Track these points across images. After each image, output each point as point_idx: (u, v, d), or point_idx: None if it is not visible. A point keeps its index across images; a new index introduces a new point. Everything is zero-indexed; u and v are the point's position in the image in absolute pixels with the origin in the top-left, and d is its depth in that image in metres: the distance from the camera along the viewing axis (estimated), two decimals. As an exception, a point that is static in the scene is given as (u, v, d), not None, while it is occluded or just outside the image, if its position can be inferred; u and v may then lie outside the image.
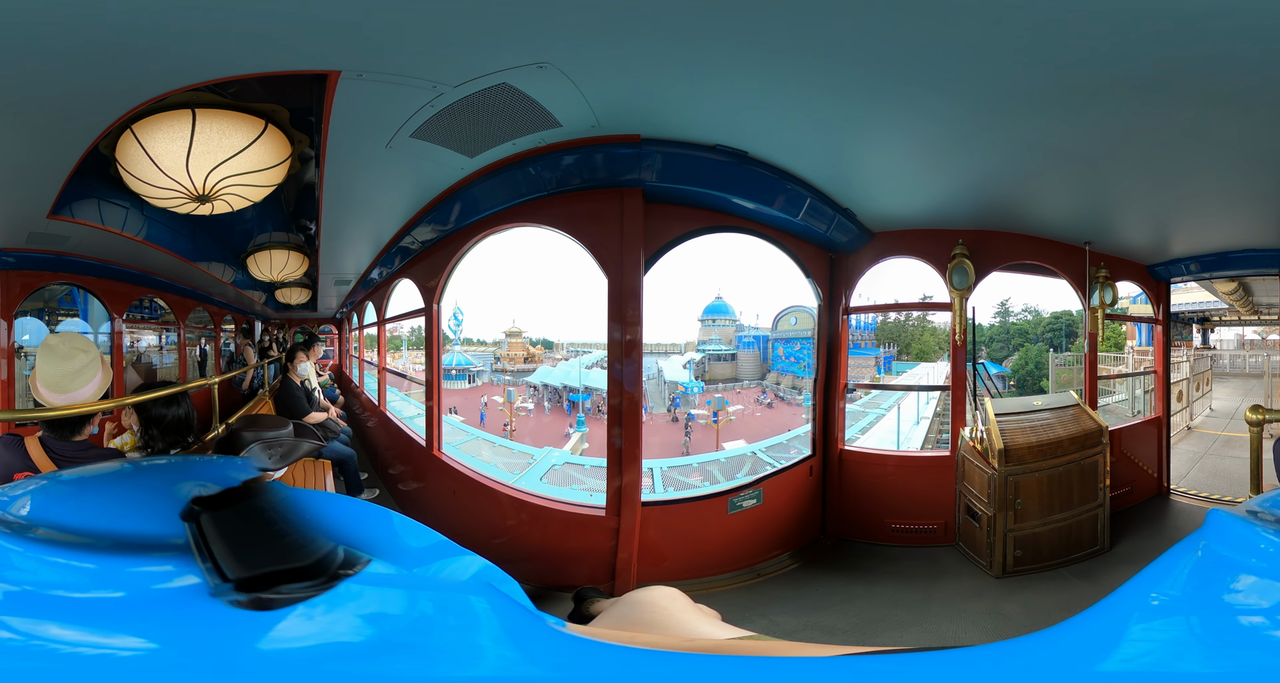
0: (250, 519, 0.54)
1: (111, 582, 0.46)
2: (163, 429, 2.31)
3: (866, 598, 3.30)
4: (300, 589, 0.45)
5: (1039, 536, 3.52)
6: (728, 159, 3.03)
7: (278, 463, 2.31)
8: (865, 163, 3.18)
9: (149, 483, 0.72)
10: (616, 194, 3.17)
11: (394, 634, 0.43)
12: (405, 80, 2.33)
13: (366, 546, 0.53)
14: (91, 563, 0.48)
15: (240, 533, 0.51)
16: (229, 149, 2.60)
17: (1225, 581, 0.36)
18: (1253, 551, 0.36)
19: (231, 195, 2.80)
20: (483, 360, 6.98)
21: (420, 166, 3.17)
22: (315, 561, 0.48)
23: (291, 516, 0.57)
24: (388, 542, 0.59)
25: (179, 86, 2.29)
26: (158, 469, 0.94)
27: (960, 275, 3.95)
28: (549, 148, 2.95)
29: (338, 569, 0.48)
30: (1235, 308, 7.40)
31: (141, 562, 0.49)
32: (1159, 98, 2.40)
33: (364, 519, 0.61)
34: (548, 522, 3.55)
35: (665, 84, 2.46)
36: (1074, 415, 3.93)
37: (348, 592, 0.45)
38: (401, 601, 0.46)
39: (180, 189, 2.69)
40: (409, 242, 4.41)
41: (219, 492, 0.56)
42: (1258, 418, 2.02)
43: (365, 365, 7.49)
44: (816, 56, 2.19)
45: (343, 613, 0.44)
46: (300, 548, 0.50)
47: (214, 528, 0.51)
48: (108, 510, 0.59)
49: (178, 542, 0.50)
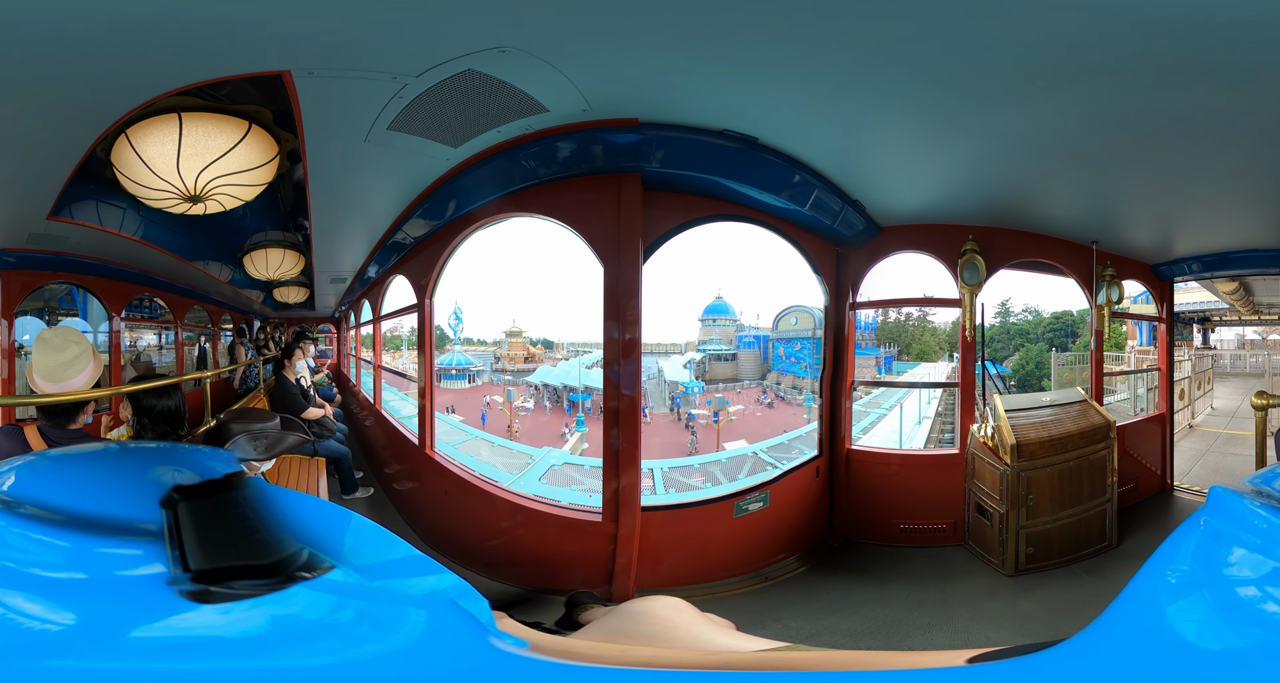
0: (224, 512, 0.54)
1: (79, 563, 0.46)
2: (153, 418, 2.37)
3: (881, 600, 3.24)
4: (250, 587, 0.44)
5: (1050, 532, 3.48)
6: (736, 145, 2.94)
7: (263, 454, 2.31)
8: (877, 153, 3.14)
9: (131, 465, 0.70)
10: (614, 181, 3.07)
11: (289, 636, 0.42)
12: (363, 74, 2.35)
13: (336, 552, 0.52)
14: (66, 542, 0.47)
15: (212, 525, 0.51)
16: (216, 150, 2.68)
17: (1224, 554, 0.38)
18: (1247, 526, 0.38)
19: (222, 195, 2.87)
20: (483, 360, 6.92)
21: (404, 159, 3.15)
22: (277, 560, 0.48)
23: (266, 513, 0.56)
24: (363, 552, 0.56)
25: (165, 91, 2.37)
26: (143, 452, 0.93)
27: (971, 271, 3.92)
28: (538, 134, 2.88)
29: (296, 571, 0.47)
30: (1236, 308, 7.41)
31: (111, 545, 0.48)
32: (1166, 94, 2.40)
33: (342, 526, 0.58)
34: (542, 526, 3.47)
35: (664, 66, 2.40)
36: (1081, 411, 3.91)
37: (287, 595, 0.44)
38: (322, 605, 0.45)
39: (173, 190, 2.76)
40: (401, 237, 4.36)
41: (201, 482, 0.56)
42: (1262, 403, 2.24)
43: (362, 364, 7.43)
44: (831, 40, 2.16)
45: (254, 611, 0.43)
46: (266, 546, 0.50)
47: (189, 518, 0.51)
48: (88, 490, 0.58)
49: (152, 528, 0.50)
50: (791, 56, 2.26)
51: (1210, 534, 0.39)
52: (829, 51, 2.23)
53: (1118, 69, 2.26)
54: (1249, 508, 0.39)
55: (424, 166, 3.28)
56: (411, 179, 3.50)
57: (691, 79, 2.50)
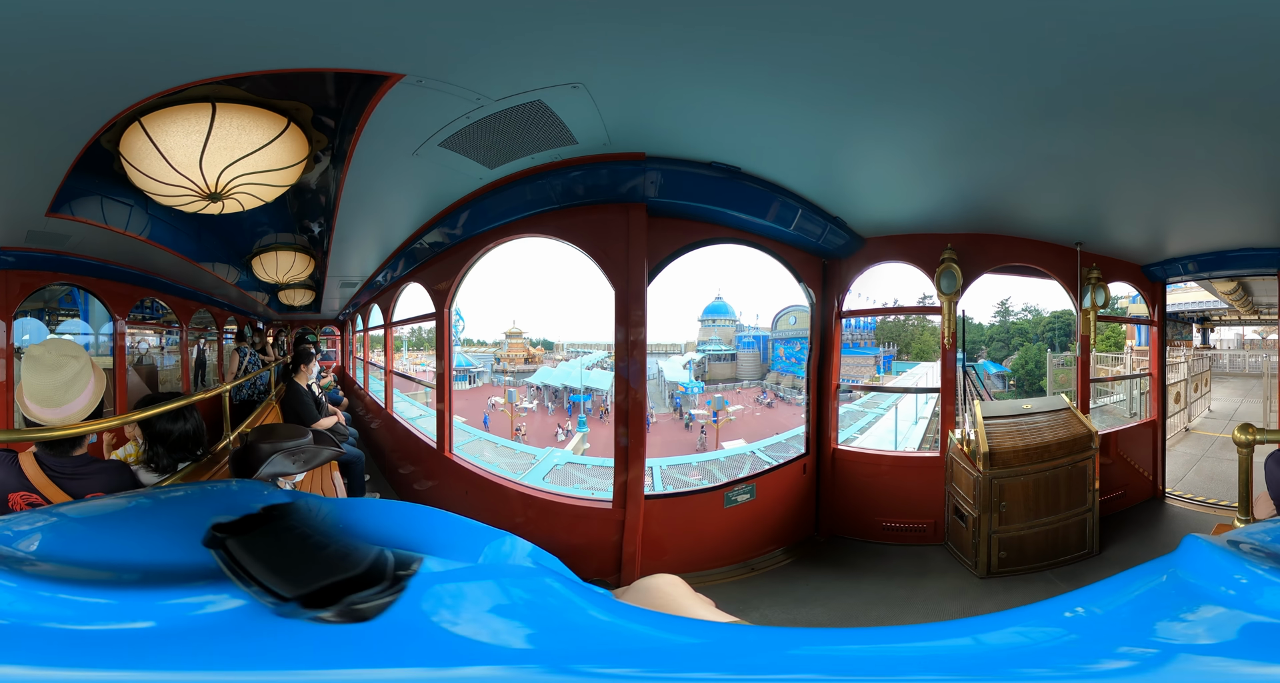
0: (284, 537, 0.54)
1: (138, 613, 0.46)
2: (169, 446, 2.23)
3: (852, 593, 3.40)
4: (373, 596, 0.45)
5: (1024, 538, 3.58)
6: (721, 175, 3.15)
7: (301, 469, 2.31)
8: (853, 173, 3.26)
9: (168, 517, 0.74)
10: (622, 208, 3.31)
11: (532, 625, 0.45)
12: (455, 90, 2.34)
13: (407, 544, 0.54)
14: (108, 597, 0.48)
15: (278, 552, 0.51)
16: (248, 146, 2.48)
17: (1179, 609, 0.38)
18: (1226, 580, 0.38)
19: (244, 194, 2.70)
20: (483, 361, 7.06)
21: (441, 175, 3.23)
22: (367, 567, 0.49)
23: (325, 527, 0.58)
24: (426, 537, 0.61)
25: (202, 78, 2.17)
26: (175, 502, 0.93)
27: (948, 280, 4.00)
28: (563, 163, 3.08)
29: (394, 572, 0.48)
30: (1235, 308, 7.38)
31: (174, 593, 0.49)
32: (1149, 99, 2.37)
33: (394, 518, 0.62)
34: (557, 516, 3.68)
35: (669, 103, 2.55)
36: (1064, 420, 3.97)
37: (443, 593, 0.46)
38: (499, 593, 0.48)
39: (191, 186, 2.56)
40: (419, 246, 4.48)
41: (240, 517, 0.56)
42: (1247, 439, 1.83)
43: (370, 368, 7.57)
44: (803, 74, 2.25)
45: (516, 622, 0.45)
46: (345, 557, 0.51)
47: (246, 551, 0.51)
48: (129, 544, 0.60)
49: (204, 570, 0.51)
50: (765, 90, 2.37)
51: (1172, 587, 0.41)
52: (801, 85, 2.32)
53: (1106, 83, 2.25)
54: (1225, 562, 0.41)
55: (457, 183, 3.39)
56: (442, 193, 3.59)
57: (687, 115, 2.64)
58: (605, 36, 2.01)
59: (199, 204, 2.70)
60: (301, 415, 4.37)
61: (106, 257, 4.31)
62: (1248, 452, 1.86)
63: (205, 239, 4.53)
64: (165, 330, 5.82)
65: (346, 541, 0.54)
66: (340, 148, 2.93)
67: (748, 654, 0.45)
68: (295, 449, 2.30)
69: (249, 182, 2.62)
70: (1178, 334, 7.51)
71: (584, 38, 2.02)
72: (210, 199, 2.64)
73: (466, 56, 2.12)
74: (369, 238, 4.69)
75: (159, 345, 5.80)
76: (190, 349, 5.97)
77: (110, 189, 3.27)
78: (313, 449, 2.37)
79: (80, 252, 4.08)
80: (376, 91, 2.36)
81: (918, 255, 4.18)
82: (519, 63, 2.18)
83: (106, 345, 4.79)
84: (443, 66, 2.19)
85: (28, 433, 1.92)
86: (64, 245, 3.92)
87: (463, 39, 2.02)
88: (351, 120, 2.67)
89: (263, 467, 2.20)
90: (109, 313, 4.75)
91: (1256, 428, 1.83)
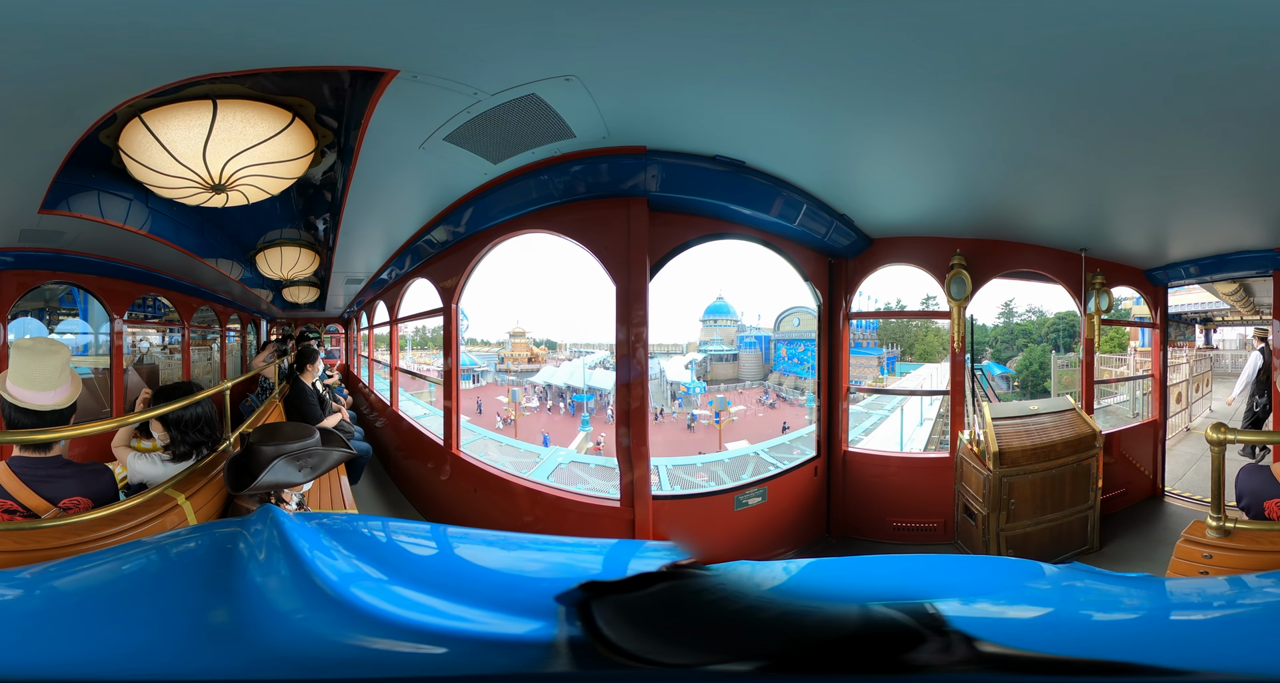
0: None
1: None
2: (182, 428, 2.30)
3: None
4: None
5: (1030, 535, 3.62)
6: (726, 169, 3.11)
7: (310, 477, 2.13)
8: (860, 171, 3.25)
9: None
10: (624, 203, 3.25)
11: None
12: (451, 85, 2.33)
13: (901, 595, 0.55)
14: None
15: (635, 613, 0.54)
16: (253, 137, 2.43)
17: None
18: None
19: (249, 186, 2.62)
20: (487, 360, 7.06)
21: (447, 169, 3.20)
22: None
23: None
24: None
25: (195, 75, 2.14)
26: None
27: (958, 286, 4.02)
28: (563, 157, 3.04)
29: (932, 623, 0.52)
30: (1237, 308, 7.42)
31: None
32: (1150, 116, 2.43)
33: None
34: (565, 514, 3.65)
35: (670, 96, 2.52)
36: (1070, 420, 4.01)
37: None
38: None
39: (194, 178, 2.49)
40: (425, 242, 4.46)
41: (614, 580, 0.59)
42: (1219, 437, 1.82)
43: (375, 365, 7.56)
44: (808, 69, 2.24)
45: None
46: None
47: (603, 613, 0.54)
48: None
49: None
50: (770, 81, 2.36)
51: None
52: (806, 79, 2.31)
53: (1109, 89, 2.26)
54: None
55: (462, 178, 3.35)
56: (447, 188, 3.56)
57: (689, 107, 2.62)
58: (595, 27, 1.99)
59: (202, 196, 2.62)
60: (306, 416, 4.31)
61: (104, 253, 4.22)
62: (1220, 450, 1.86)
63: (208, 234, 4.46)
64: (167, 328, 5.76)
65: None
66: (346, 143, 2.92)
67: None
68: (301, 452, 2.10)
69: (254, 173, 2.56)
70: (1180, 334, 7.55)
71: (573, 29, 2.00)
72: (214, 191, 2.56)
73: (458, 50, 2.12)
74: (375, 233, 4.66)
75: (161, 344, 5.72)
76: (201, 348, 5.94)
77: (108, 183, 3.19)
78: (321, 451, 2.17)
79: (76, 248, 4.01)
80: (376, 88, 2.35)
81: (926, 259, 4.19)
82: (509, 56, 2.17)
83: (105, 345, 4.73)
84: (435, 62, 2.18)
85: (22, 436, 1.89)
86: (59, 242, 3.84)
87: (450, 33, 2.01)
88: (355, 116, 2.66)
89: (263, 475, 1.99)
90: (107, 312, 4.69)
91: (1228, 427, 1.85)
